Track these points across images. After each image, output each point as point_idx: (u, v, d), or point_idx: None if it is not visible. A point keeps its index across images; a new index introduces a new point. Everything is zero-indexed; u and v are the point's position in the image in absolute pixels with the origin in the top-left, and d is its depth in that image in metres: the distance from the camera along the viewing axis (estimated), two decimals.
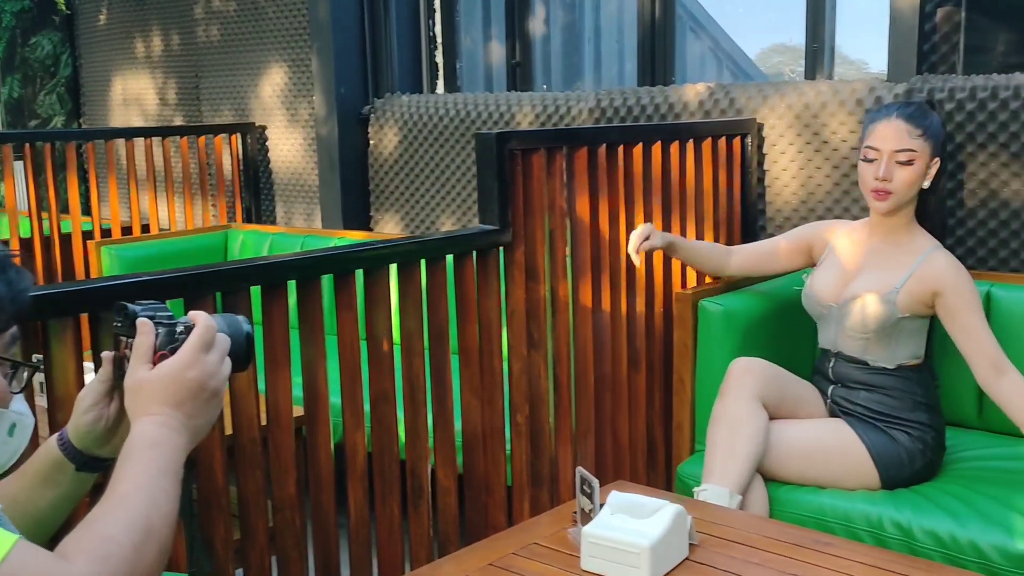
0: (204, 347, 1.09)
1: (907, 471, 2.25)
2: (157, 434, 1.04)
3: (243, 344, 1.15)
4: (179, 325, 1.11)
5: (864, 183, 2.28)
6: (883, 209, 2.27)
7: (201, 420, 1.09)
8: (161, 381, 1.07)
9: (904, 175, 2.24)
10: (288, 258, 1.89)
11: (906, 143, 2.23)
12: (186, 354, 1.08)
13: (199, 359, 1.08)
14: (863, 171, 2.28)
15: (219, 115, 4.75)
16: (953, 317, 2.22)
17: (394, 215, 4.19)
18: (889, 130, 2.25)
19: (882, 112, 2.30)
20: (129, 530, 0.94)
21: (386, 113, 4.11)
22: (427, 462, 2.15)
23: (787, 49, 6.60)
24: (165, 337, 1.10)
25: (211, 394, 1.09)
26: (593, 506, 1.76)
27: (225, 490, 1.81)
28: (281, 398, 1.87)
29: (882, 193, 2.25)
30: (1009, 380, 2.16)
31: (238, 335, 1.14)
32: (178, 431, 1.05)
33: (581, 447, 2.51)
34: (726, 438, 2.23)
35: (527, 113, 3.61)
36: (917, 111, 2.27)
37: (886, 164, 2.23)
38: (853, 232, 2.42)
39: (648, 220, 2.63)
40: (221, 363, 1.10)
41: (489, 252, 2.23)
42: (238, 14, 4.57)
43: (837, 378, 2.37)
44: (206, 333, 1.09)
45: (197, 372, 1.07)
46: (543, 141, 2.34)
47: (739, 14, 6.30)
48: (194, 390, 1.07)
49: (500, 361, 2.28)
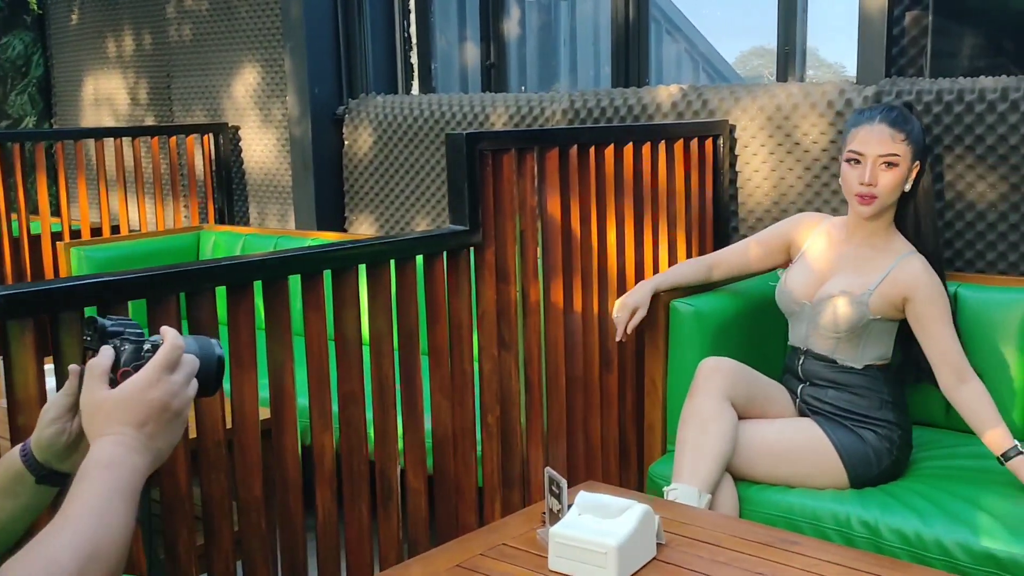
0: (169, 366, 1.06)
1: (875, 470, 2.27)
2: (114, 454, 1.01)
3: (214, 367, 1.12)
4: (147, 343, 1.09)
5: (848, 187, 2.30)
6: (867, 213, 2.28)
7: (162, 442, 1.06)
8: (122, 399, 1.04)
9: (888, 179, 2.26)
10: (255, 258, 1.87)
11: (890, 148, 2.25)
12: (149, 372, 1.05)
13: (163, 378, 1.05)
14: (847, 175, 2.29)
15: (191, 115, 4.72)
16: (921, 323, 2.25)
17: (368, 216, 4.17)
18: (873, 135, 2.26)
19: (865, 116, 2.31)
20: (75, 553, 0.91)
21: (360, 114, 4.10)
22: (396, 463, 2.14)
23: (766, 52, 6.64)
24: (131, 354, 1.08)
25: (173, 415, 1.06)
26: (561, 506, 1.76)
27: (188, 494, 1.79)
28: (247, 399, 1.85)
29: (867, 198, 2.26)
30: (970, 389, 2.21)
31: (209, 357, 1.12)
32: (137, 451, 1.02)
33: (553, 448, 2.51)
34: (695, 438, 2.24)
35: (501, 114, 3.61)
36: (900, 116, 2.29)
37: (871, 169, 2.25)
38: (832, 230, 2.43)
39: (620, 221, 2.64)
40: (186, 384, 1.08)
41: (459, 253, 2.22)
42: (210, 13, 4.54)
43: (806, 376, 2.39)
44: (172, 352, 1.07)
45: (160, 392, 1.05)
46: (514, 142, 2.34)
47: (717, 17, 6.33)
48: (156, 410, 1.04)
49: (471, 362, 2.27)
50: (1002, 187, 2.59)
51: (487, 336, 2.31)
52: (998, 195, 2.60)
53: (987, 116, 2.57)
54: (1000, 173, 2.58)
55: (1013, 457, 2.12)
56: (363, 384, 2.05)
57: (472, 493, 2.33)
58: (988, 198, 2.62)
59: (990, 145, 2.58)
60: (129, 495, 1.00)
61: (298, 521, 1.97)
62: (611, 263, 2.62)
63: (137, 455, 1.03)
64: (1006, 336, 2.43)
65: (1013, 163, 2.56)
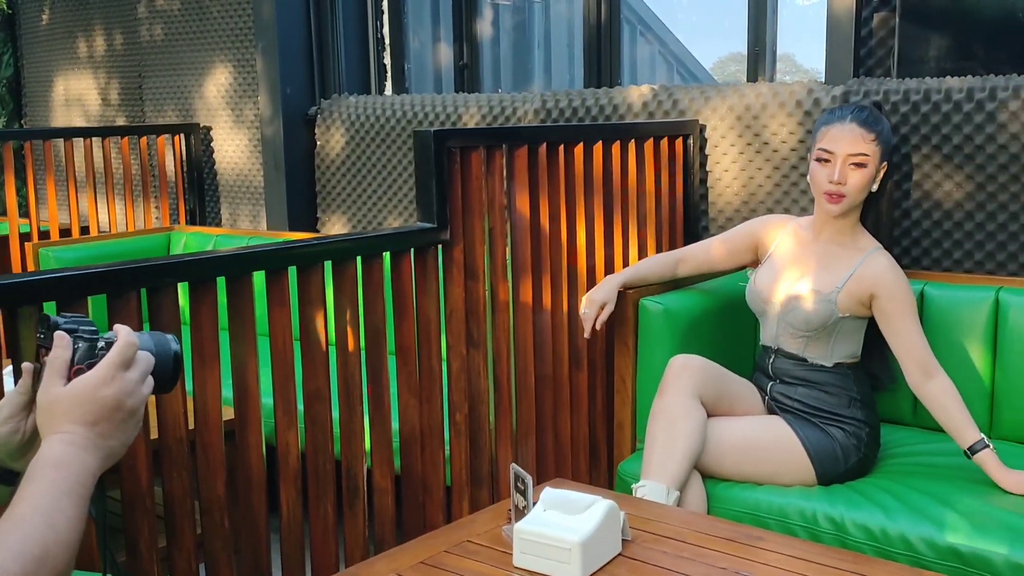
0: (123, 364, 1.04)
1: (842, 467, 2.28)
2: (64, 453, 0.99)
3: (170, 364, 1.10)
4: (101, 340, 1.07)
5: (817, 185, 2.31)
6: (835, 212, 2.30)
7: (115, 441, 1.04)
8: (75, 398, 1.02)
9: (857, 178, 2.27)
10: (218, 254, 1.85)
11: (860, 147, 2.27)
12: (103, 370, 1.03)
13: (117, 376, 1.03)
14: (816, 173, 2.30)
15: (163, 115, 4.69)
16: (887, 319, 2.26)
17: (341, 216, 4.16)
18: (844, 133, 2.28)
19: (836, 115, 2.32)
20: (20, 556, 0.89)
21: (333, 114, 4.08)
22: (363, 462, 2.13)
23: (743, 57, 6.69)
24: (85, 352, 1.06)
25: (127, 414, 1.04)
26: (527, 503, 1.75)
27: (150, 491, 1.77)
28: (210, 396, 1.84)
29: (835, 196, 2.27)
30: (936, 384, 2.22)
31: (165, 354, 1.10)
32: (88, 451, 1.00)
33: (522, 446, 2.50)
34: (664, 435, 2.24)
35: (473, 114, 3.61)
36: (871, 116, 2.31)
37: (840, 167, 2.26)
38: (799, 230, 2.45)
39: (589, 219, 2.64)
40: (141, 382, 1.06)
41: (427, 250, 2.21)
42: (182, 13, 4.51)
43: (776, 374, 2.40)
44: (126, 350, 1.05)
45: (113, 390, 1.03)
46: (483, 139, 2.33)
47: (692, 21, 6.36)
48: (109, 408, 1.02)
49: (439, 360, 2.26)
50: (968, 186, 2.61)
51: (455, 334, 2.30)
52: (964, 194, 2.62)
53: (953, 116, 2.59)
54: (966, 172, 2.60)
55: (980, 451, 2.14)
56: (329, 382, 2.04)
57: (440, 492, 2.31)
58: (954, 197, 2.64)
59: (956, 144, 2.60)
60: (78, 496, 0.98)
61: (262, 520, 1.96)
62: (581, 262, 2.62)
63: (88, 454, 1.01)
64: (972, 334, 2.45)
65: (978, 162, 2.58)
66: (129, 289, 1.69)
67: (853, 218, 2.35)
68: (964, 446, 2.16)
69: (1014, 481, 2.11)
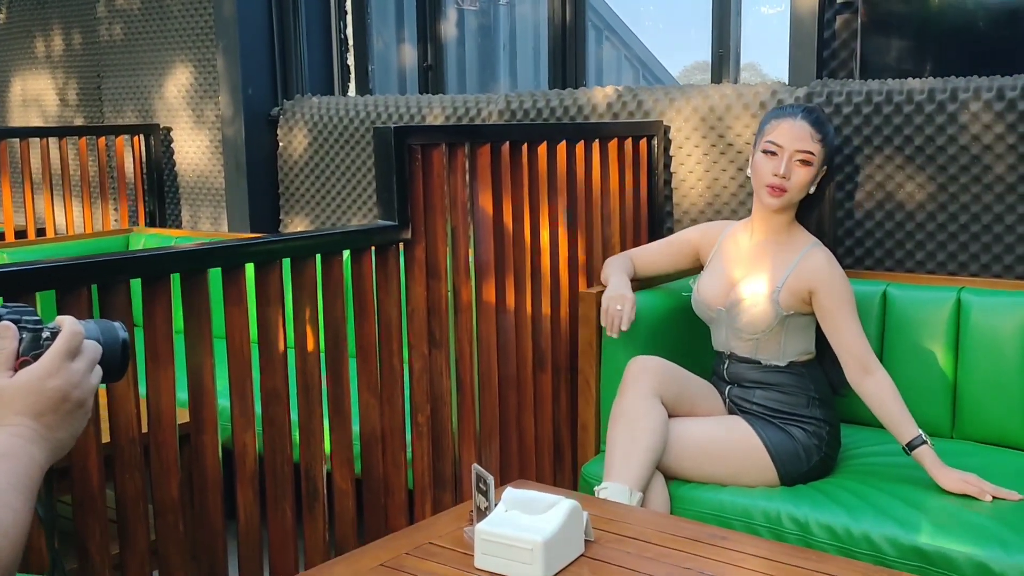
0: (69, 354, 1.00)
1: (804, 466, 2.28)
2: (10, 445, 0.95)
3: (118, 352, 1.06)
4: (45, 331, 1.03)
5: (760, 177, 2.31)
6: (775, 205, 2.30)
7: (63, 433, 1.00)
8: (20, 388, 0.98)
9: (801, 175, 2.29)
10: (171, 250, 1.81)
11: (808, 145, 2.28)
12: (48, 360, 0.99)
13: (63, 367, 0.99)
14: (761, 164, 2.31)
15: (122, 116, 4.61)
16: (826, 315, 2.27)
17: (304, 219, 4.11)
18: (794, 129, 2.29)
19: (787, 111, 2.34)
20: None
21: (296, 115, 4.03)
22: (322, 464, 2.09)
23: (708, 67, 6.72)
24: (29, 343, 1.02)
25: (75, 405, 1.00)
26: (488, 503, 1.73)
27: (101, 493, 1.72)
28: (164, 396, 1.79)
29: (777, 190, 2.28)
30: (874, 380, 2.22)
31: (113, 342, 1.06)
32: (35, 443, 0.96)
33: (485, 448, 2.47)
34: (625, 436, 2.22)
35: (437, 115, 3.58)
36: (820, 117, 2.34)
37: (787, 161, 2.27)
38: (736, 233, 2.46)
39: (553, 218, 2.62)
40: (89, 372, 1.02)
41: (388, 248, 2.18)
42: (142, 12, 4.44)
43: (732, 378, 2.39)
44: (72, 339, 1.01)
45: (60, 381, 0.99)
46: (444, 136, 2.30)
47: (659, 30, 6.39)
48: (56, 400, 0.98)
49: (400, 360, 2.23)
50: (930, 187, 2.62)
51: (417, 334, 2.27)
52: (926, 195, 2.63)
53: (915, 117, 2.60)
54: (928, 173, 2.62)
55: (918, 446, 2.15)
56: (287, 382, 1.99)
57: (402, 494, 2.28)
58: (916, 198, 2.65)
59: (918, 146, 2.61)
60: (25, 489, 0.94)
61: (218, 523, 1.91)
62: (544, 261, 2.59)
63: (35, 446, 0.97)
64: (934, 335, 2.46)
65: (940, 163, 2.59)
66: (80, 285, 1.64)
67: (789, 215, 2.35)
68: (903, 442, 2.17)
69: (950, 479, 2.11)
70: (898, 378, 2.46)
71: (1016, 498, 2.07)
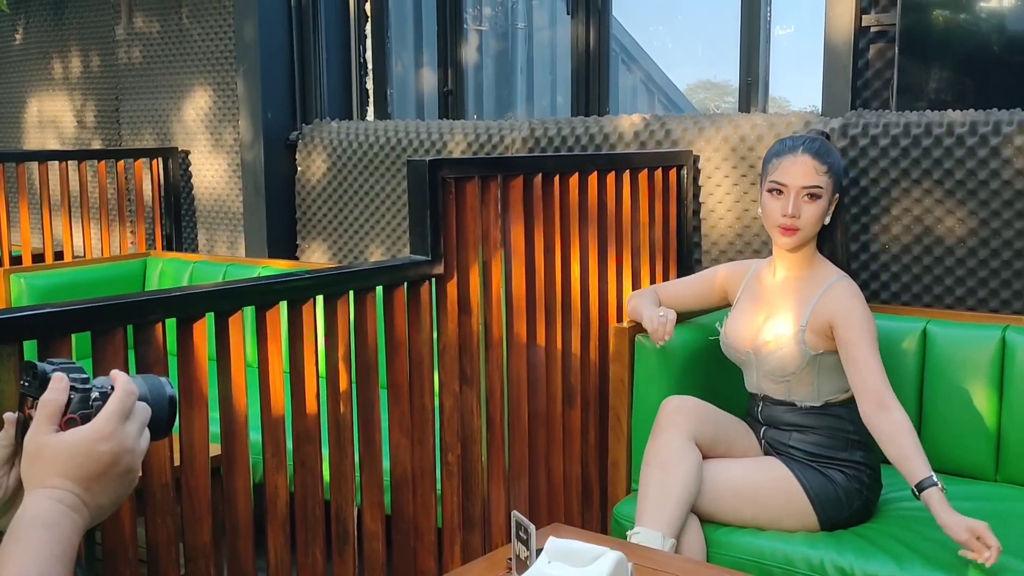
0: (123, 416, 0.95)
1: (845, 511, 2.21)
2: (54, 512, 0.90)
3: (165, 411, 1.01)
4: (94, 390, 0.98)
5: (770, 219, 2.25)
6: (790, 245, 2.25)
7: (106, 499, 0.95)
8: (68, 449, 0.92)
9: (811, 211, 2.22)
10: (206, 289, 1.76)
11: (813, 179, 2.21)
12: (102, 423, 0.94)
13: (117, 430, 0.94)
14: (769, 206, 2.25)
15: (140, 139, 4.58)
16: (844, 347, 2.19)
17: (321, 244, 4.07)
18: (797, 166, 2.22)
19: (787, 146, 2.27)
20: None
21: (314, 139, 4.00)
22: (353, 505, 2.04)
23: (712, 85, 6.70)
24: (78, 402, 0.97)
25: (124, 470, 0.95)
26: (529, 553, 1.67)
27: (133, 538, 1.67)
28: (197, 439, 1.74)
29: (790, 230, 2.22)
30: (889, 419, 2.12)
31: (160, 400, 1.01)
32: (79, 511, 0.91)
33: (514, 487, 2.41)
34: (658, 479, 2.16)
35: (459, 141, 3.54)
36: (823, 147, 2.26)
37: (794, 200, 2.21)
38: (761, 272, 2.40)
39: (584, 252, 2.57)
40: (140, 436, 0.97)
41: (420, 284, 2.13)
42: (161, 36, 4.42)
43: (767, 421, 2.33)
44: (126, 399, 0.96)
45: (112, 445, 0.93)
46: (477, 169, 2.26)
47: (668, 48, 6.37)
48: (105, 465, 0.93)
49: (431, 398, 2.18)
50: (971, 222, 2.57)
51: (448, 371, 2.22)
52: (967, 230, 2.58)
53: (956, 150, 2.55)
54: (969, 208, 2.57)
55: (927, 488, 2.03)
56: (319, 422, 1.94)
57: (431, 535, 2.22)
58: (957, 233, 2.60)
59: (959, 180, 2.56)
60: (67, 559, 0.89)
61: (249, 567, 1.85)
62: (575, 295, 2.55)
63: (77, 515, 0.92)
64: (977, 374, 2.39)
65: (982, 198, 2.54)
66: (115, 325, 1.59)
67: (809, 250, 2.29)
68: (912, 482, 2.05)
69: (957, 525, 1.98)
70: (939, 418, 2.42)
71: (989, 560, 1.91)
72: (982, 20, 2.68)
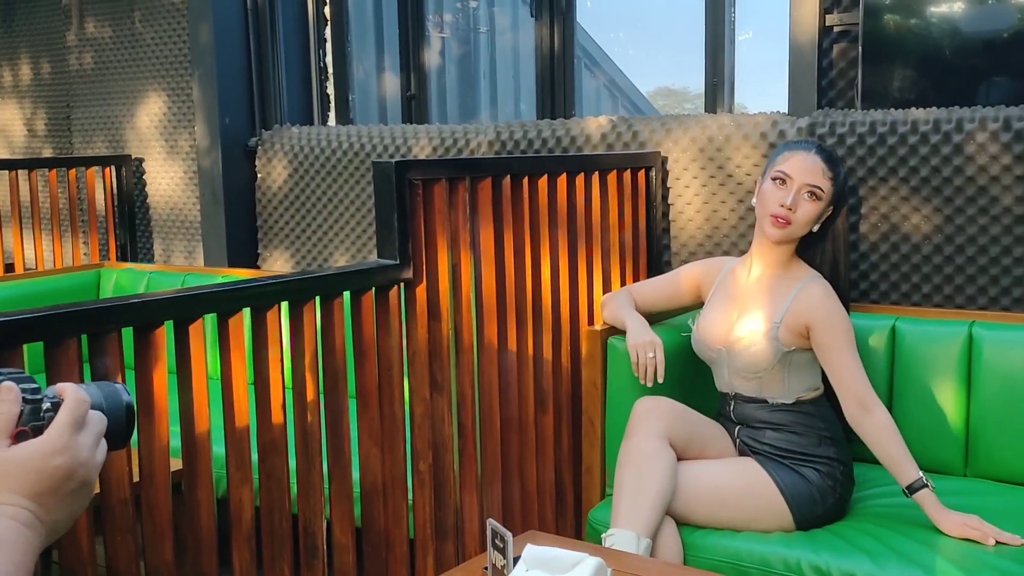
0: (75, 426, 0.89)
1: (819, 509, 2.20)
2: (6, 529, 0.84)
3: (123, 419, 0.95)
4: (46, 400, 0.92)
5: (765, 206, 2.24)
6: (776, 236, 2.24)
7: (62, 515, 0.88)
8: (20, 464, 0.86)
9: (807, 209, 2.23)
10: (165, 296, 1.70)
11: (818, 180, 2.23)
12: (55, 435, 0.88)
13: (70, 442, 0.88)
14: (768, 194, 2.24)
15: (92, 147, 4.47)
16: (823, 351, 2.20)
17: (284, 252, 3.99)
18: (808, 162, 2.23)
19: (802, 145, 2.30)
20: None
21: (275, 145, 3.92)
22: (322, 517, 1.97)
23: (671, 93, 6.71)
24: (28, 414, 0.91)
25: (79, 484, 0.89)
26: (506, 561, 1.63)
27: (92, 557, 1.59)
28: (157, 453, 1.67)
29: (782, 220, 2.22)
30: (873, 419, 2.16)
31: (116, 408, 0.95)
32: (33, 528, 0.86)
33: (487, 495, 2.37)
34: (632, 479, 2.14)
35: (424, 146, 3.49)
36: (833, 156, 2.29)
37: (795, 193, 2.21)
38: (735, 269, 2.40)
39: (554, 254, 2.53)
40: (95, 447, 0.91)
41: (389, 288, 2.08)
42: (114, 40, 4.32)
43: (740, 419, 2.32)
44: (78, 408, 0.89)
45: (66, 458, 0.87)
46: (444, 171, 2.21)
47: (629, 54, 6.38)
48: (59, 480, 0.87)
49: (401, 406, 2.12)
50: (936, 219, 2.57)
51: (418, 378, 2.16)
52: (932, 227, 2.58)
53: (920, 148, 2.55)
54: (934, 205, 2.57)
55: (919, 489, 2.08)
56: (286, 432, 1.88)
57: (403, 546, 2.17)
58: (922, 230, 2.60)
59: (924, 177, 2.56)
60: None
61: None
62: (546, 298, 2.51)
63: (32, 532, 0.86)
64: (946, 370, 2.39)
65: (946, 195, 2.55)
66: (69, 335, 1.52)
67: (789, 250, 2.29)
68: (903, 484, 2.11)
69: (952, 522, 2.05)
70: (908, 415, 2.41)
71: (1019, 542, 2.00)
72: (943, 19, 2.69)
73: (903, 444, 2.13)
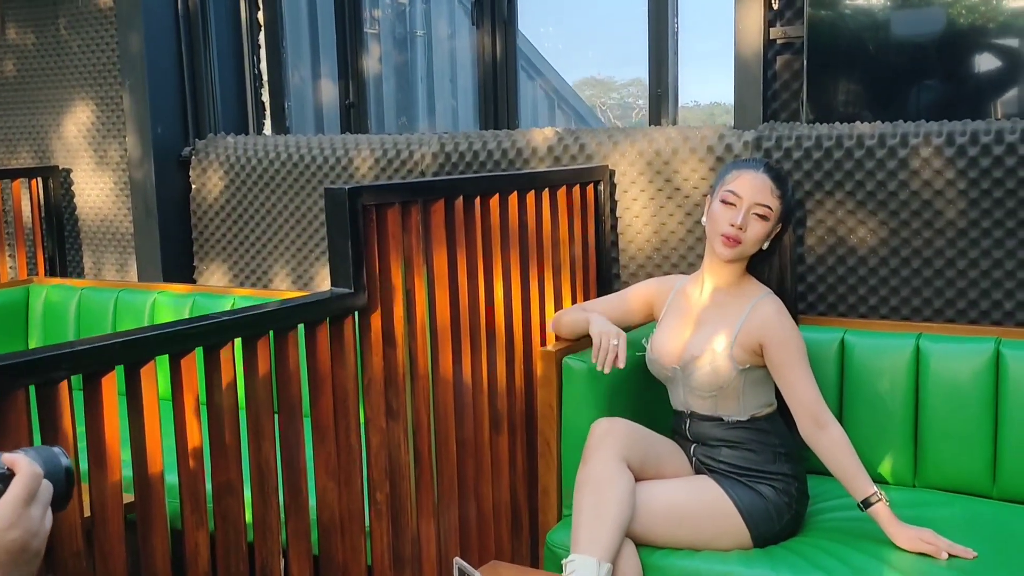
0: (29, 501, 0.88)
1: (776, 526, 2.22)
2: None
3: (62, 483, 0.96)
4: None
5: (716, 226, 2.25)
6: (727, 256, 2.25)
7: None
8: None
9: (756, 229, 2.24)
10: (114, 339, 1.62)
11: (767, 199, 2.24)
12: (9, 510, 0.87)
13: (23, 515, 0.87)
14: (718, 214, 2.25)
15: (16, 158, 4.30)
16: (776, 368, 2.23)
17: (221, 265, 3.89)
18: (757, 182, 2.25)
19: (750, 164, 2.31)
20: None
21: (209, 155, 3.82)
22: (279, 556, 1.92)
23: (596, 83, 6.74)
24: None
25: (33, 555, 0.89)
26: None
27: None
28: (110, 504, 1.60)
29: (732, 240, 2.23)
30: (828, 435, 2.18)
31: (56, 473, 0.95)
32: None
33: (444, 521, 2.33)
34: (591, 503, 2.12)
35: (366, 157, 3.43)
36: (781, 174, 2.32)
37: (744, 213, 2.22)
38: (687, 287, 2.41)
39: (506, 274, 2.51)
40: (44, 517, 0.91)
41: (343, 318, 2.03)
42: (37, 48, 4.16)
43: (695, 437, 2.32)
44: (32, 482, 0.89)
45: (20, 531, 0.87)
46: (397, 195, 2.17)
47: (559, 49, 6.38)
48: (14, 553, 0.87)
49: (357, 436, 2.08)
50: (882, 232, 2.61)
51: (374, 406, 2.12)
52: (878, 240, 2.62)
53: (866, 162, 2.59)
54: (880, 218, 2.61)
55: (874, 504, 2.12)
56: (241, 472, 1.82)
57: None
58: (869, 243, 2.64)
59: (869, 191, 2.60)
60: None
61: None
62: (499, 319, 2.48)
63: None
64: (894, 382, 2.43)
65: (892, 208, 2.58)
66: (13, 386, 1.44)
67: (740, 267, 2.31)
68: (858, 499, 2.14)
69: (906, 536, 2.08)
70: (858, 426, 2.45)
71: (971, 556, 2.04)
72: (888, 33, 2.72)
73: (857, 459, 2.16)
